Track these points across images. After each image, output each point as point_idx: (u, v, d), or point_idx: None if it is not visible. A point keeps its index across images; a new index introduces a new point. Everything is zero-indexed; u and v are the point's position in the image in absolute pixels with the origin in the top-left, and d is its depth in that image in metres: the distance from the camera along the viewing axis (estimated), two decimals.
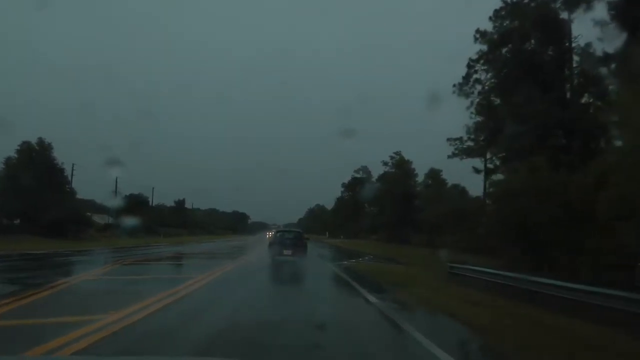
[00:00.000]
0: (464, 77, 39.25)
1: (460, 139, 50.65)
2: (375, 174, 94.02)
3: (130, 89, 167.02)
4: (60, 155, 58.92)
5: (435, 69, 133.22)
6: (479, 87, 38.66)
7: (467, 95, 38.86)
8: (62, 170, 62.03)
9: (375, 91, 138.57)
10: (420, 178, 69.32)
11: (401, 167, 68.14)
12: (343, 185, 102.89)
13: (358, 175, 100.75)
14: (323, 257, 33.28)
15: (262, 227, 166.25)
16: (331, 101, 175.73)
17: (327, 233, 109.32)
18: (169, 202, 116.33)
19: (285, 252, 24.32)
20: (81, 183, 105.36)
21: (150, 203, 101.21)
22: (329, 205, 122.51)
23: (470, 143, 50.31)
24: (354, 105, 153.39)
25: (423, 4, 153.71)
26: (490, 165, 49.76)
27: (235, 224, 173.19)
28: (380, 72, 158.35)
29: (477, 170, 42.90)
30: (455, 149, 50.66)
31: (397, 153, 71.29)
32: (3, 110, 76.64)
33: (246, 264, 23.77)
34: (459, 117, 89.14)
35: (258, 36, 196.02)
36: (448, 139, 50.92)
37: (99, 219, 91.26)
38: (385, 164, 72.19)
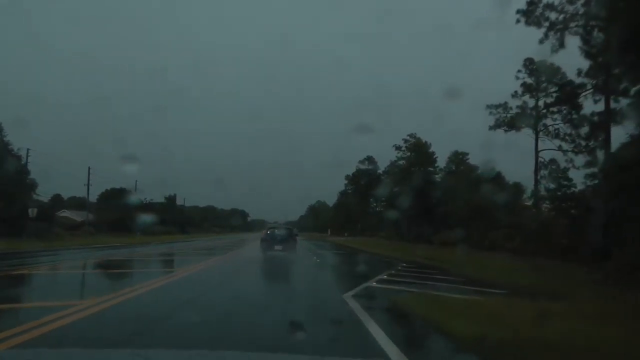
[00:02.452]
0: (528, 2, 25.84)
1: (504, 105, 37.12)
2: (382, 165, 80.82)
3: (125, 83, 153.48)
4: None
5: (447, 60, 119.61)
6: (553, 16, 25.16)
7: (538, 24, 25.24)
8: (17, 158, 49.17)
9: (380, 84, 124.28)
10: (440, 164, 55.71)
11: (418, 150, 54.45)
12: (347, 177, 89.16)
13: (363, 167, 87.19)
14: (325, 269, 19.76)
15: (262, 224, 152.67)
16: (333, 95, 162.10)
17: (328, 230, 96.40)
18: (160, 198, 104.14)
19: (276, 247, 24.64)
20: (73, 179, 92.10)
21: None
22: (332, 201, 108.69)
23: (517, 110, 36.77)
24: (358, 98, 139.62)
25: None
26: (543, 139, 36.26)
27: (234, 221, 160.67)
28: (388, 63, 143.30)
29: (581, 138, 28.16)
30: (498, 119, 37.21)
31: (412, 135, 57.59)
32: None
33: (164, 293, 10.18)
34: (475, 111, 75.84)
35: (256, 34, 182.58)
36: (488, 106, 37.45)
37: (78, 215, 78.73)
38: (397, 148, 58.46)
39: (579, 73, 25.44)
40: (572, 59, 28.31)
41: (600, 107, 26.57)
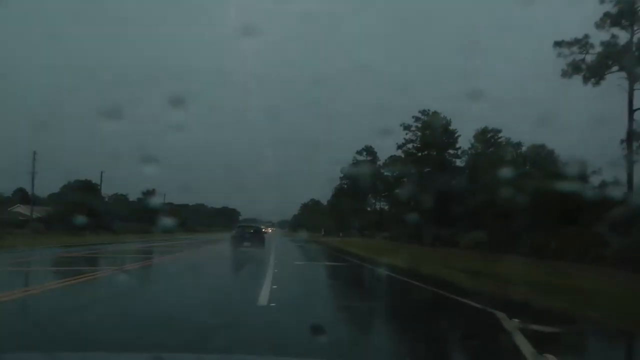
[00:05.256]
0: None
1: (582, 41, 23.39)
2: (383, 157, 67.44)
3: (112, 74, 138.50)
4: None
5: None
6: None
7: None
8: None
9: (386, 83, 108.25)
10: (464, 145, 41.81)
11: (434, 127, 40.58)
12: (342, 171, 75.35)
13: (361, 158, 73.73)
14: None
15: (254, 223, 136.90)
16: (332, 95, 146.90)
17: (322, 230, 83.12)
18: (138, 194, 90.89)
19: (245, 244, 24.82)
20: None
21: (101, 192, 74.56)
22: (327, 200, 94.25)
23: (593, 52, 22.97)
24: (358, 97, 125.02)
25: None
26: None
27: (224, 220, 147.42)
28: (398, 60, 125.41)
29: None
30: (572, 62, 23.54)
31: (425, 113, 43.63)
32: None
33: None
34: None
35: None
36: (557, 44, 23.78)
37: (35, 211, 65.08)
38: (406, 127, 44.47)
39: None
40: None
41: None
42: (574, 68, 22.89)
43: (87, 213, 61.08)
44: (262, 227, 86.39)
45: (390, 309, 9.20)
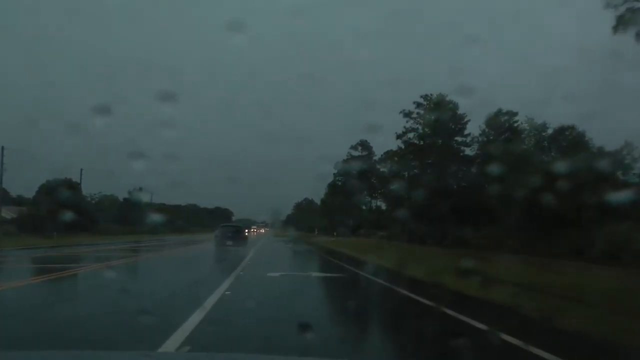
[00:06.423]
0: None
1: None
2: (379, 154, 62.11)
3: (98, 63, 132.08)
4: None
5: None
6: None
7: None
8: None
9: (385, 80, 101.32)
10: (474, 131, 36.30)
11: (439, 111, 35.12)
12: (336, 166, 69.63)
13: (356, 153, 68.38)
14: None
15: (247, 223, 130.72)
16: (328, 93, 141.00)
17: (315, 230, 78.28)
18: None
19: (227, 242, 25.32)
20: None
21: (82, 191, 68.55)
22: (320, 199, 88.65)
23: None
24: (354, 95, 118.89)
25: None
26: None
27: (218, 220, 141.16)
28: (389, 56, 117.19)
29: None
30: (623, 15, 18.26)
31: (428, 98, 38.14)
32: None
33: None
34: None
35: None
36: None
37: (12, 211, 59.84)
38: (407, 115, 39.00)
39: None
40: None
41: None
42: (628, 18, 17.55)
43: (63, 213, 55.28)
44: (254, 227, 79.47)
45: None
